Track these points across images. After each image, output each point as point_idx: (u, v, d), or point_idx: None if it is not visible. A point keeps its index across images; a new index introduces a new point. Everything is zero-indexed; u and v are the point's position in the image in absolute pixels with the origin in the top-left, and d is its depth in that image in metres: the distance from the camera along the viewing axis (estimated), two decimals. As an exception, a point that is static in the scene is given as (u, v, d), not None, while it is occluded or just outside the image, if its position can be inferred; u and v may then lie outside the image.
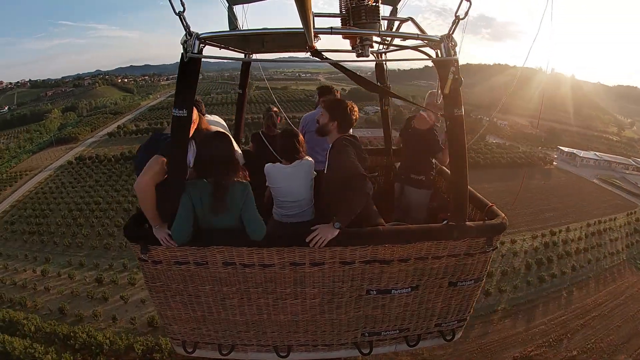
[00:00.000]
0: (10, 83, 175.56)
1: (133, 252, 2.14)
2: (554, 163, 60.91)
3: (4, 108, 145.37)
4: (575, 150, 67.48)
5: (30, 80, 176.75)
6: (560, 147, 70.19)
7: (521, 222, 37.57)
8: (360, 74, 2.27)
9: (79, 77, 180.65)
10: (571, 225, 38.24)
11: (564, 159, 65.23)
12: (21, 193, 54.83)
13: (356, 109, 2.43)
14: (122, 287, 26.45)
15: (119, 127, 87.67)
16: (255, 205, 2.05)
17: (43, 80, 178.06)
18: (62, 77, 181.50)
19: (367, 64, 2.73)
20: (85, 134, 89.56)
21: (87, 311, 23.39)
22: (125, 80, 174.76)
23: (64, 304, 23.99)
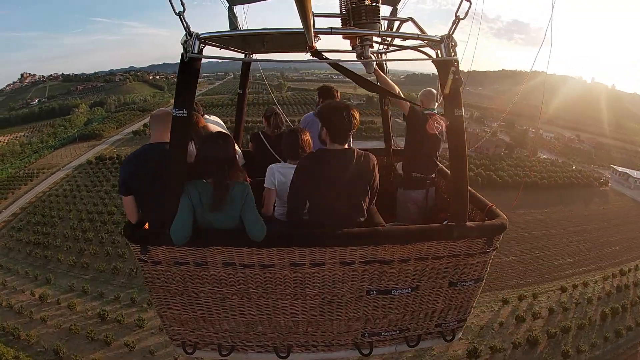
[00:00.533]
0: (43, 76, 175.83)
1: (133, 252, 2.14)
2: (609, 184, 58.39)
3: (34, 101, 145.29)
4: (628, 170, 64.42)
5: (62, 74, 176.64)
6: (613, 166, 67.27)
7: (589, 259, 36.57)
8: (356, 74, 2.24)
9: (111, 73, 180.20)
10: (639, 262, 36.86)
11: (617, 179, 62.60)
12: (34, 194, 52.43)
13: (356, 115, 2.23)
14: (128, 328, 23.22)
15: (145, 125, 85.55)
16: (255, 205, 2.04)
17: (75, 74, 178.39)
18: (95, 72, 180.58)
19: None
20: (110, 131, 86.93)
21: (85, 356, 20.37)
22: (157, 77, 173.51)
23: (59, 344, 21.14)
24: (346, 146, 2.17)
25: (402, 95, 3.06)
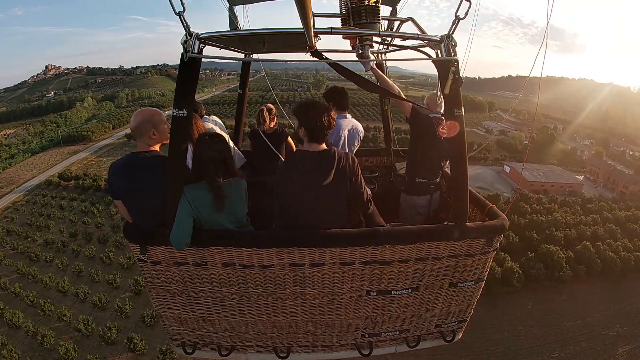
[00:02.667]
0: (68, 69, 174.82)
1: (132, 252, 2.13)
2: None
3: (50, 93, 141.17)
4: None
5: (87, 67, 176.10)
6: None
7: None
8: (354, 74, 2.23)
9: (136, 68, 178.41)
10: None
11: None
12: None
13: (333, 115, 2.11)
14: None
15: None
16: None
17: (101, 67, 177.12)
18: (120, 67, 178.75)
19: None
20: (102, 132, 74.89)
21: None
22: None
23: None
24: (324, 146, 2.10)
25: (403, 95, 3.05)
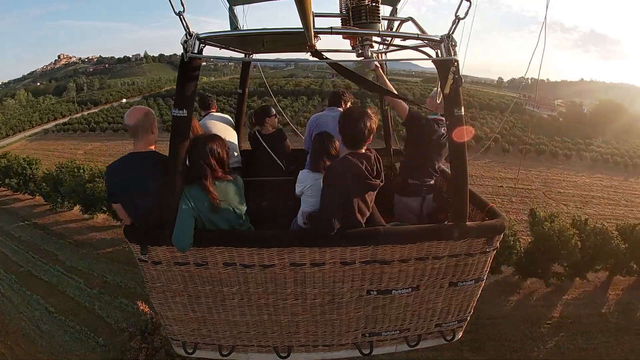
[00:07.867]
0: (80, 58, 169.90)
1: (132, 252, 2.13)
2: None
3: (37, 84, 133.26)
4: None
5: (100, 56, 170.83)
6: None
7: None
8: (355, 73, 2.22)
9: (145, 55, 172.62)
10: None
11: None
12: None
13: (374, 119, 2.12)
14: None
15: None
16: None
17: (112, 57, 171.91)
18: (133, 55, 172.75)
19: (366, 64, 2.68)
20: None
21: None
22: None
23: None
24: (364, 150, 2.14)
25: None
